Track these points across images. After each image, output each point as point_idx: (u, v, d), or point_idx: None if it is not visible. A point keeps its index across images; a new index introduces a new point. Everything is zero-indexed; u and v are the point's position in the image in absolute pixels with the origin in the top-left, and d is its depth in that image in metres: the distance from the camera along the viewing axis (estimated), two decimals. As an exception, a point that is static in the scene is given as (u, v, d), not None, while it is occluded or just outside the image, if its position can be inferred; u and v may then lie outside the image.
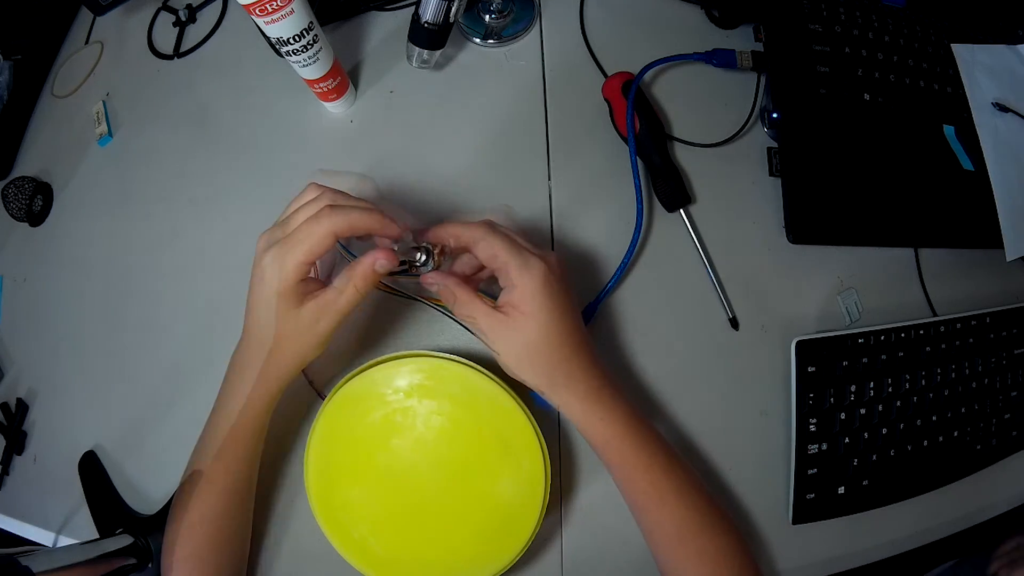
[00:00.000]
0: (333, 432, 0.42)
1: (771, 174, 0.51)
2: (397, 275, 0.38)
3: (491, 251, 0.35)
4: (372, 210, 0.34)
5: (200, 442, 0.41)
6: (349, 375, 0.41)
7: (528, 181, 0.50)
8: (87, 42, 0.66)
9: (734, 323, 0.47)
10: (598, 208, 0.49)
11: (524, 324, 0.35)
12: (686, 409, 0.46)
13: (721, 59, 0.51)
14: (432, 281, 0.37)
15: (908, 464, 0.46)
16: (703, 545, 0.37)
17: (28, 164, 0.63)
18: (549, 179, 0.50)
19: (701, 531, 0.37)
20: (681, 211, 0.48)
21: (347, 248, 0.37)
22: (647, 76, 0.50)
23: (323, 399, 0.43)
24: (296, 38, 0.43)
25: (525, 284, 0.34)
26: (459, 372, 0.40)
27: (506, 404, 0.40)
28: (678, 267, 0.48)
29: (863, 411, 0.45)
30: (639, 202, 0.47)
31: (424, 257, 0.36)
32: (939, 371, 0.48)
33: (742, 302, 0.47)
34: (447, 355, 0.41)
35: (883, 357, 0.46)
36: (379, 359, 0.41)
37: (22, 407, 0.53)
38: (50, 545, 0.49)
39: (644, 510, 0.38)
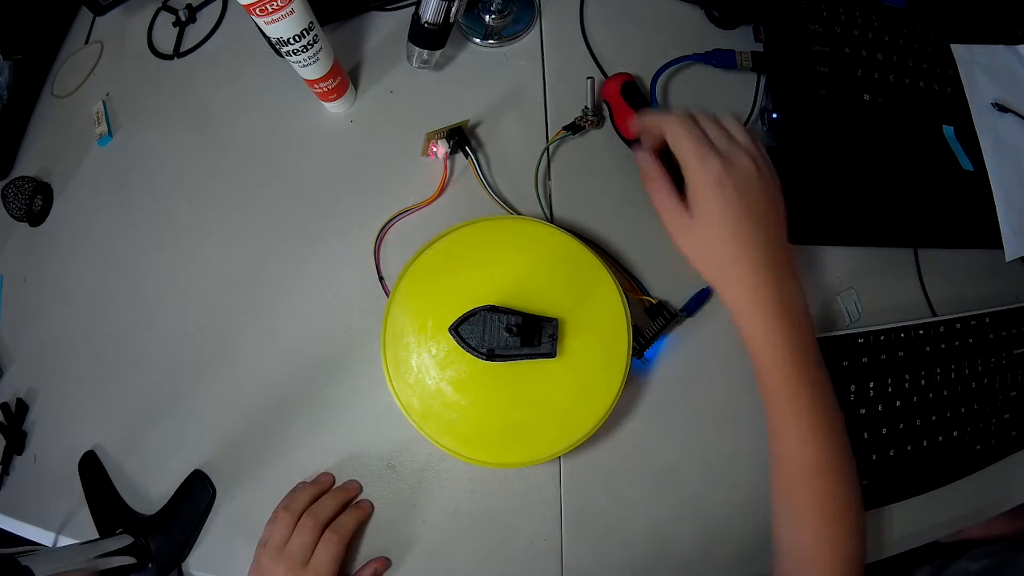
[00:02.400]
0: (408, 303, 0.42)
1: (771, 174, 0.51)
2: (568, 129, 0.43)
3: (674, 143, 0.36)
4: (354, 509, 0.42)
5: None
6: (418, 251, 0.43)
7: (528, 181, 0.50)
8: (87, 42, 0.66)
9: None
10: (599, 207, 0.49)
11: (694, 224, 0.36)
12: (687, 408, 0.46)
13: (721, 60, 0.51)
14: (641, 160, 0.37)
15: (908, 464, 0.46)
16: (825, 489, 0.36)
17: (28, 164, 0.63)
18: (549, 179, 0.50)
19: (825, 474, 0.36)
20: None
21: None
22: (645, 79, 0.50)
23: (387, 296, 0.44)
24: (296, 38, 0.43)
25: (697, 184, 0.35)
26: (532, 229, 0.42)
27: (586, 259, 0.42)
28: (680, 266, 0.48)
29: (863, 411, 0.45)
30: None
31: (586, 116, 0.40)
32: (939, 371, 0.48)
33: (742, 302, 0.47)
34: (524, 216, 0.43)
35: (883, 357, 0.46)
36: (449, 229, 0.43)
37: (22, 407, 0.53)
38: (50, 545, 0.49)
39: (776, 436, 0.37)
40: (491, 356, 0.37)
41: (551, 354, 0.39)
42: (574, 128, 0.49)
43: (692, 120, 0.37)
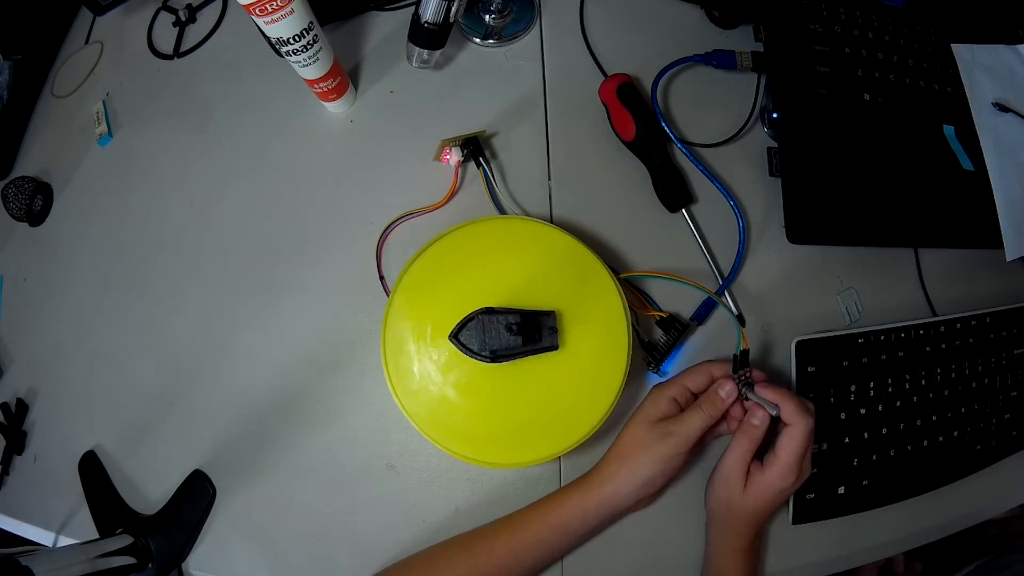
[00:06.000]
0: (408, 303, 0.42)
1: (771, 174, 0.51)
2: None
3: (796, 434, 0.37)
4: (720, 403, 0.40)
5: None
6: (419, 250, 0.42)
7: (528, 181, 0.50)
8: (87, 42, 0.66)
9: (741, 320, 0.47)
10: (598, 208, 0.49)
11: (745, 496, 0.39)
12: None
13: (721, 60, 0.51)
14: (760, 419, 0.39)
15: (908, 464, 0.46)
16: None
17: (28, 164, 0.63)
18: (549, 179, 0.50)
19: None
20: (683, 211, 0.48)
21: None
22: (646, 78, 0.50)
23: (388, 295, 0.44)
24: (296, 38, 0.43)
25: (775, 479, 0.38)
26: (532, 229, 0.42)
27: (586, 258, 0.42)
28: (680, 267, 0.48)
29: (863, 411, 0.45)
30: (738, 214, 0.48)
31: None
32: (939, 371, 0.48)
33: (742, 302, 0.48)
34: (524, 216, 0.43)
35: (883, 357, 0.46)
36: (449, 229, 0.43)
37: (22, 407, 0.53)
38: (50, 545, 0.49)
39: None
40: (495, 358, 0.37)
41: (554, 346, 0.39)
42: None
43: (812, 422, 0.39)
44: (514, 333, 0.37)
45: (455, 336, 0.38)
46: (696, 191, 0.49)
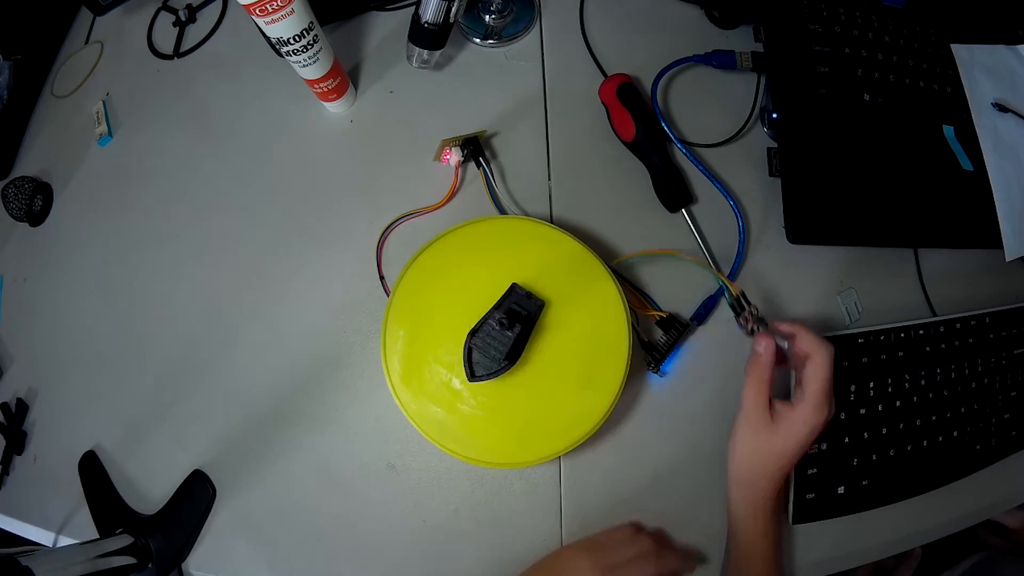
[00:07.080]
0: (408, 303, 0.42)
1: (771, 174, 0.51)
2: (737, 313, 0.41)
3: (821, 365, 0.37)
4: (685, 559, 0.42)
5: None
6: (419, 250, 0.42)
7: (528, 181, 0.50)
8: (87, 42, 0.66)
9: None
10: (598, 208, 0.49)
11: (775, 430, 0.38)
12: (687, 407, 0.46)
13: (721, 60, 0.51)
14: (765, 348, 0.38)
15: (908, 464, 0.46)
16: None
17: (28, 164, 0.63)
18: (549, 179, 0.50)
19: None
20: (683, 211, 0.48)
21: None
22: (646, 78, 0.50)
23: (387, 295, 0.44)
24: (296, 38, 0.43)
25: (808, 411, 0.37)
26: (532, 229, 0.42)
27: (585, 258, 0.42)
28: (680, 267, 0.48)
29: (863, 411, 0.45)
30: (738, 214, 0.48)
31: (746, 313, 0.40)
32: (939, 371, 0.48)
33: (742, 302, 0.48)
34: (524, 216, 0.43)
35: (883, 357, 0.46)
36: (449, 228, 0.43)
37: (22, 407, 0.53)
38: (50, 545, 0.49)
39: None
40: (510, 358, 0.37)
41: (541, 304, 0.39)
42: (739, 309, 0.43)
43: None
44: (507, 327, 0.37)
45: (475, 376, 0.38)
46: (696, 191, 0.49)
